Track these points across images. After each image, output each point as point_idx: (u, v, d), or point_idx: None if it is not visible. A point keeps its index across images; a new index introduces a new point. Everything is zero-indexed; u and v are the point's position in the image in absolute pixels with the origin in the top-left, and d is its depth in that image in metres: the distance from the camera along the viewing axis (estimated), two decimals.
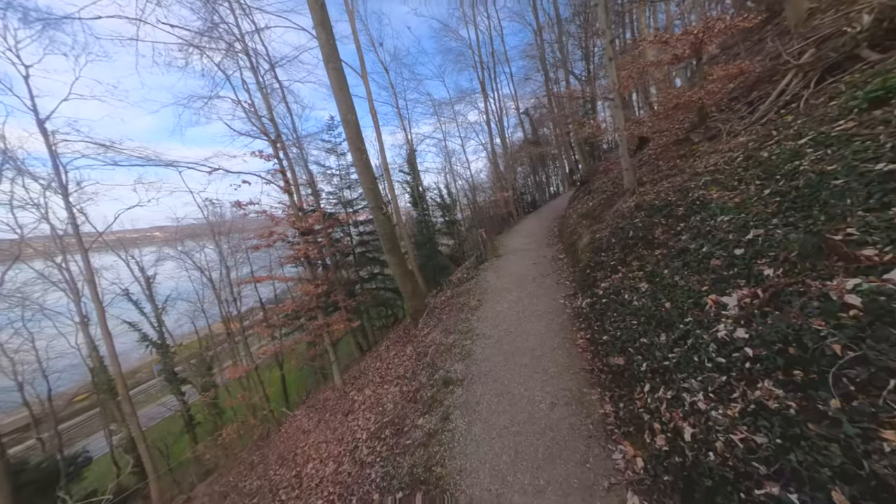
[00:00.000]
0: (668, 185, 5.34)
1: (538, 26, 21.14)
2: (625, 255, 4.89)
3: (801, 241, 2.45)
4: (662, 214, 4.66)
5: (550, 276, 6.95)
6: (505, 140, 25.57)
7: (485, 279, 7.85)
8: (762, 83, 5.96)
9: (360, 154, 6.69)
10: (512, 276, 7.48)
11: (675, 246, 3.94)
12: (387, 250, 7.23)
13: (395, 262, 7.30)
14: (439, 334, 6.03)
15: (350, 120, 6.55)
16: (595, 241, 6.17)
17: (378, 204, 6.94)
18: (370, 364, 8.09)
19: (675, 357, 2.89)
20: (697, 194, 4.29)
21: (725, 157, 4.58)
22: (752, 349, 2.24)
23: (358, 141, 6.67)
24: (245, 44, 8.53)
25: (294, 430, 7.32)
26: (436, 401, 4.08)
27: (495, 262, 8.97)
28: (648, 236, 4.61)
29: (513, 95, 25.69)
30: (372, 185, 6.88)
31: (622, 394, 3.27)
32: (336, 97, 6.54)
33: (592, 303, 4.84)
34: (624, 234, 5.24)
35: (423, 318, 7.47)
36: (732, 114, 5.67)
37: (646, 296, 3.83)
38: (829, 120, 3.27)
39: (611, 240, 5.53)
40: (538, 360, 4.20)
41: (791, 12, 7.25)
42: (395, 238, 7.41)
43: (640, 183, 6.39)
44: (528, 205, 26.46)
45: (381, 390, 5.56)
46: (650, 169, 6.88)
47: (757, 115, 4.94)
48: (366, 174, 6.82)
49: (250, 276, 12.87)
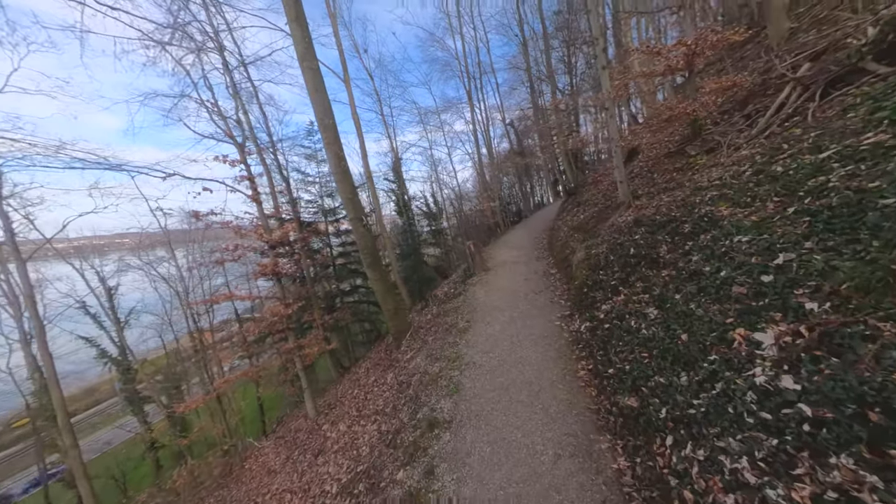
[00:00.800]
0: (668, 199, 5.04)
1: (523, 39, 21.36)
2: (626, 274, 4.51)
3: (853, 271, 2.08)
4: (666, 231, 4.31)
5: (543, 294, 6.52)
6: (491, 150, 25.54)
7: (473, 296, 7.35)
8: (755, 97, 5.83)
9: (338, 160, 6.13)
10: (502, 293, 7.01)
11: (685, 267, 3.56)
12: (367, 265, 6.63)
13: (376, 278, 6.70)
14: (424, 360, 5.45)
15: (328, 124, 6.00)
16: (591, 257, 5.80)
17: (358, 214, 6.36)
18: (347, 390, 7.37)
19: (702, 404, 2.45)
20: (704, 210, 3.96)
21: (730, 170, 4.31)
22: (811, 407, 1.81)
23: (336, 146, 6.12)
24: (218, 41, 7.89)
25: (259, 468, 6.48)
26: (419, 448, 3.49)
27: (484, 277, 8.50)
28: (652, 254, 4.24)
29: (499, 106, 25.79)
30: (351, 195, 6.31)
31: (638, 444, 2.80)
32: (312, 99, 5.99)
33: (593, 327, 4.41)
34: (623, 250, 4.87)
35: (406, 339, 6.86)
36: (729, 127, 5.47)
37: (656, 324, 3.42)
38: (853, 133, 3.00)
39: (609, 256, 5.15)
40: (537, 396, 3.69)
41: (773, 31, 7.31)
42: (377, 251, 6.84)
43: (636, 196, 6.10)
44: (513, 214, 26.37)
45: (358, 427, 4.90)
46: (645, 181, 6.63)
47: (758, 129, 4.72)
48: (345, 182, 6.25)
49: (212, 296, 11.89)
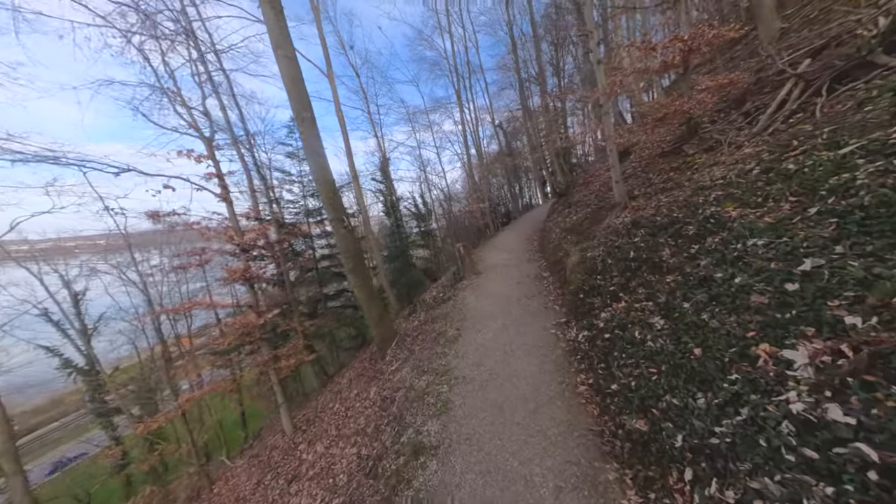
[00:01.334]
0: (668, 199, 4.78)
1: (512, 40, 21.23)
2: (626, 279, 4.21)
3: None
4: (668, 233, 4.04)
5: (536, 298, 6.20)
6: (481, 150, 25.31)
7: (463, 301, 6.97)
8: (752, 95, 5.67)
9: (317, 158, 5.67)
10: (494, 298, 6.66)
11: (693, 273, 3.28)
12: (349, 270, 6.17)
13: (359, 284, 6.24)
14: (410, 372, 5.03)
15: (306, 118, 5.53)
16: (586, 260, 5.51)
17: (338, 215, 5.90)
18: (329, 402, 6.87)
19: (726, 433, 2.13)
20: (710, 211, 3.70)
21: (734, 169, 4.07)
22: (875, 450, 1.49)
23: (315, 143, 5.66)
24: (186, 25, 7.26)
25: (229, 493, 5.92)
26: (402, 479, 3.08)
27: (474, 281, 8.14)
28: (654, 258, 3.95)
29: (488, 107, 25.59)
30: (331, 194, 5.84)
31: (650, 476, 2.46)
32: (288, 91, 5.51)
33: (591, 337, 4.09)
34: (622, 254, 4.59)
35: (391, 348, 6.43)
36: (728, 125, 5.28)
37: (664, 335, 3.11)
38: (877, 126, 2.76)
39: (606, 260, 4.86)
40: (533, 415, 3.33)
41: (763, 31, 7.23)
42: (360, 255, 6.39)
43: (632, 196, 5.85)
44: (502, 216, 26.20)
45: (336, 449, 4.44)
46: (640, 182, 6.40)
47: (759, 126, 4.52)
48: (324, 181, 5.79)
49: (182, 303, 11.14)
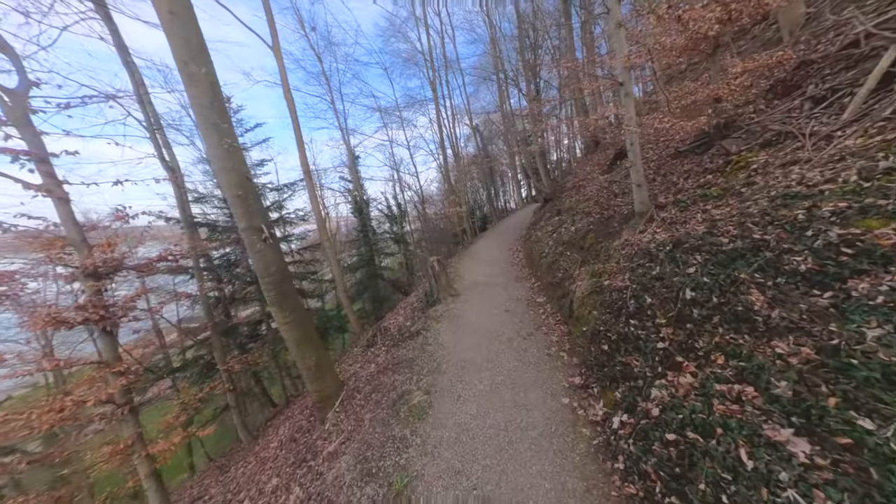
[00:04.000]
0: (722, 211, 3.40)
1: (492, 38, 20.02)
2: (687, 333, 2.73)
3: None
4: (752, 265, 2.60)
5: (534, 338, 4.66)
6: (457, 151, 23.84)
7: (437, 338, 5.28)
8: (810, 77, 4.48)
9: (216, 134, 3.75)
10: (477, 335, 5.04)
11: (838, 345, 1.82)
12: (271, 301, 4.26)
13: (287, 322, 4.35)
14: (351, 468, 3.26)
15: (195, 73, 3.61)
16: (603, 290, 4.03)
17: (253, 223, 4.00)
18: (244, 485, 4.91)
19: None
20: (833, 233, 2.30)
21: (839, 169, 2.73)
22: None
23: (213, 112, 3.75)
24: None
25: None
26: None
27: (451, 306, 6.48)
28: (736, 305, 2.49)
29: (465, 107, 24.19)
30: (242, 191, 3.94)
31: None
32: (166, 30, 3.58)
33: (640, 431, 2.55)
34: (669, 290, 3.12)
35: (335, 409, 4.61)
36: (787, 114, 4.02)
37: (814, 473, 1.62)
38: None
39: (641, 296, 3.38)
40: None
41: (784, 18, 6.24)
42: (288, 279, 4.48)
43: (659, 205, 4.47)
44: (479, 220, 24.91)
45: None
46: (662, 186, 5.06)
47: (850, 111, 3.24)
48: (229, 170, 3.88)
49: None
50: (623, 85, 4.35)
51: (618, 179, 7.23)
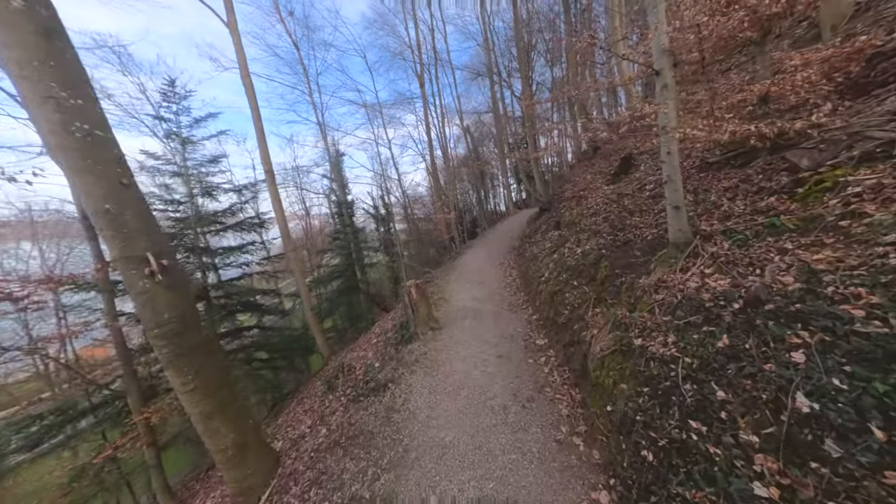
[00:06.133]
0: (826, 257, 2.32)
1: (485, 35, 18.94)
2: (816, 478, 1.61)
3: None
4: None
5: (536, 405, 3.53)
6: (447, 152, 22.69)
7: (408, 401, 4.04)
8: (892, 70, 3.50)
9: (57, 114, 2.46)
10: (461, 399, 3.84)
11: None
12: (165, 361, 2.98)
13: (188, 390, 3.02)
14: None
15: (46, 31, 2.29)
16: (635, 352, 2.90)
17: (129, 251, 2.69)
18: None
19: None
20: None
21: None
22: None
23: (43, 74, 2.45)
24: None
25: None
26: None
27: (430, 345, 5.26)
28: None
29: (456, 107, 23.02)
30: (113, 204, 2.60)
31: None
32: None
33: None
34: (753, 382, 2.01)
35: (265, 500, 3.35)
36: (892, 117, 2.99)
37: None
38: None
39: (705, 381, 2.27)
40: None
41: (827, 11, 5.32)
42: (193, 328, 3.19)
43: (705, 235, 3.39)
44: (469, 223, 23.82)
45: None
46: (699, 209, 3.99)
47: None
48: (86, 172, 2.57)
49: None
50: (660, 74, 3.25)
51: (629, 192, 6.18)
